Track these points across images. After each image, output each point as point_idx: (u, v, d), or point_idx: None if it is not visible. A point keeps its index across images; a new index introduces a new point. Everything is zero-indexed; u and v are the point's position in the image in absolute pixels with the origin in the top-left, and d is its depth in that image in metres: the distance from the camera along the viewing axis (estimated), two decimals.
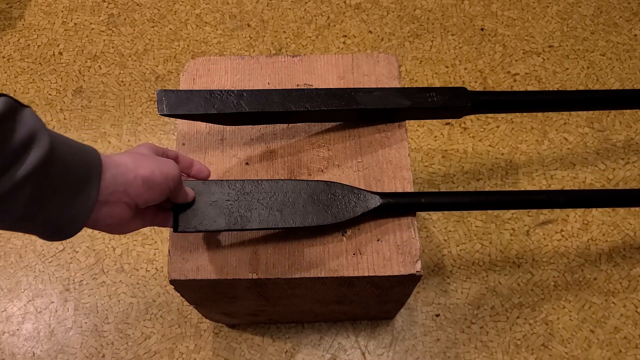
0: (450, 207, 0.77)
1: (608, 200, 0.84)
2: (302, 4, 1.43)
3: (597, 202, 0.83)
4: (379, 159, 0.75)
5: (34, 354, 1.06)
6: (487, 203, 0.77)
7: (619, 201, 0.86)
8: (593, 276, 1.12)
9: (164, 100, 0.68)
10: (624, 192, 0.85)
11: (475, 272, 1.12)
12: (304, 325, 1.08)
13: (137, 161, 0.52)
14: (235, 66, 0.81)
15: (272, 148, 0.76)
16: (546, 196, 0.81)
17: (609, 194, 0.87)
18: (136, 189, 0.51)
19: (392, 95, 0.75)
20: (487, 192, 1.06)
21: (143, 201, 0.53)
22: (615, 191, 0.87)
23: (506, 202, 0.78)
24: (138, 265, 1.13)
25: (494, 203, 0.77)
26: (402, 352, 1.06)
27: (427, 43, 1.38)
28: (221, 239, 0.70)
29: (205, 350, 1.06)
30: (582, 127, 1.27)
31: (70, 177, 0.46)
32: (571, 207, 0.84)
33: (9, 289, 1.12)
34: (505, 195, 0.85)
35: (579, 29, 1.40)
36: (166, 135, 1.27)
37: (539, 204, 0.84)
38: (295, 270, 0.68)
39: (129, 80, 1.34)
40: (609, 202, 0.85)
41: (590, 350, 1.06)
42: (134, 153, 0.54)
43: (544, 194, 0.84)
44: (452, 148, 1.24)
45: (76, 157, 0.46)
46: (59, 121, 1.28)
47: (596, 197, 0.83)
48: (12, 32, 1.40)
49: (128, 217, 0.53)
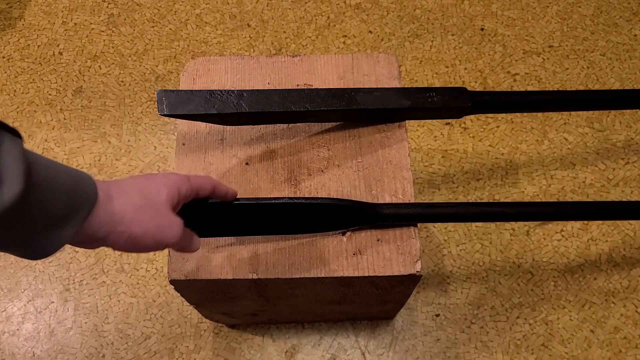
0: (453, 219, 0.77)
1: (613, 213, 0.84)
2: (302, 4, 1.43)
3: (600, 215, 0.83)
4: (379, 159, 0.75)
5: (34, 354, 1.06)
6: (490, 215, 0.77)
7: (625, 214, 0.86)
8: (593, 276, 1.12)
9: (164, 100, 0.68)
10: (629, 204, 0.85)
11: (475, 272, 1.12)
12: (304, 325, 1.08)
13: (137, 215, 0.47)
14: (235, 66, 0.81)
15: (272, 148, 0.76)
16: (550, 208, 0.81)
17: (613, 206, 0.87)
18: (116, 242, 0.46)
19: (392, 95, 0.75)
20: (489, 203, 1.04)
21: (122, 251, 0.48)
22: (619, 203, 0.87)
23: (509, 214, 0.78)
24: (138, 265, 1.13)
25: (496, 215, 0.77)
26: (402, 352, 1.06)
27: (427, 43, 1.38)
28: (221, 239, 0.70)
29: (205, 350, 1.06)
30: (582, 127, 1.27)
31: (53, 208, 0.41)
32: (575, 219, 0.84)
33: (9, 289, 1.12)
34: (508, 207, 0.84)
35: (579, 29, 1.40)
36: (166, 135, 1.27)
37: (541, 217, 0.84)
38: (295, 270, 0.68)
39: (129, 80, 1.34)
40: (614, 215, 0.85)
41: (590, 350, 1.06)
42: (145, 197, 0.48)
43: (547, 206, 0.84)
44: (452, 148, 1.24)
45: (66, 186, 0.42)
46: (59, 121, 1.28)
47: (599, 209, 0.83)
48: (12, 32, 1.40)
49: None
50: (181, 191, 0.51)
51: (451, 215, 0.75)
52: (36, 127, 1.28)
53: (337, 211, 0.67)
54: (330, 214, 0.67)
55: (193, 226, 0.58)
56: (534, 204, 0.83)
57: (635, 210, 0.84)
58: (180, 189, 0.51)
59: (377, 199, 0.72)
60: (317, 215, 0.67)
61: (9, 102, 1.31)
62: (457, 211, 0.75)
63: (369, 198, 0.72)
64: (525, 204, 0.83)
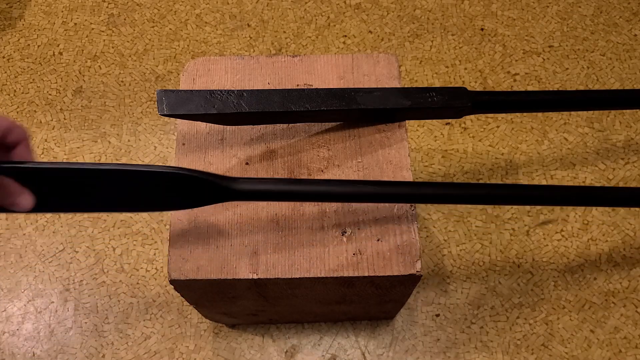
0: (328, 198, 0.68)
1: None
2: (302, 4, 1.43)
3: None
4: (379, 159, 0.75)
5: (34, 354, 1.06)
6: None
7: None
8: (593, 276, 1.12)
9: (164, 100, 0.68)
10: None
11: (475, 272, 1.12)
12: (304, 325, 1.08)
13: None
14: (235, 66, 0.81)
15: (272, 148, 0.76)
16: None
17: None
18: None
19: (392, 95, 0.75)
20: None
21: None
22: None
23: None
24: (138, 265, 1.13)
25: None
26: (402, 352, 1.06)
27: (427, 43, 1.38)
28: (221, 239, 0.70)
29: (205, 350, 1.06)
30: (582, 127, 1.27)
31: None
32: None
33: (8, 289, 1.12)
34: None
35: (579, 29, 1.40)
36: (166, 135, 1.27)
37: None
38: (295, 270, 0.68)
39: (129, 80, 1.34)
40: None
41: (590, 350, 1.06)
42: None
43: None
44: (452, 148, 1.24)
45: None
46: (59, 121, 1.28)
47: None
48: (12, 32, 1.40)
49: None
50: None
51: (323, 193, 0.65)
52: (36, 127, 1.28)
53: (179, 182, 0.60)
54: (170, 185, 0.60)
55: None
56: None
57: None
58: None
59: None
60: (151, 187, 0.60)
61: (9, 102, 1.31)
62: (331, 189, 0.65)
63: None
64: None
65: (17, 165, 0.54)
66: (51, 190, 0.57)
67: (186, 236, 0.70)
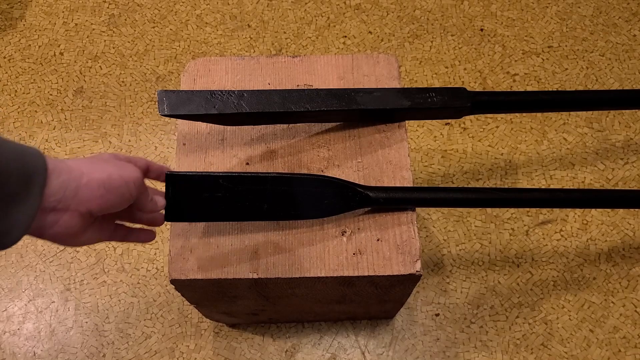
0: (446, 204, 0.75)
1: (609, 201, 0.84)
2: (302, 5, 1.44)
3: (597, 203, 0.83)
4: (379, 159, 0.75)
5: (35, 354, 1.06)
6: (483, 200, 0.76)
7: (620, 202, 0.85)
8: (592, 276, 1.12)
9: (165, 100, 0.68)
10: (625, 192, 0.85)
11: (475, 272, 1.12)
12: (304, 324, 1.08)
13: (94, 165, 0.47)
14: (236, 67, 0.82)
15: (272, 148, 0.76)
16: (545, 194, 0.81)
17: (609, 194, 0.87)
18: (89, 193, 0.46)
19: (392, 96, 0.75)
20: (484, 189, 1.03)
21: (97, 206, 0.47)
22: (616, 192, 0.87)
23: (504, 199, 0.77)
24: (139, 264, 1.13)
25: (490, 200, 0.76)
26: (402, 352, 1.06)
27: (426, 43, 1.38)
28: (222, 239, 0.70)
29: (206, 349, 1.06)
30: (582, 127, 1.27)
31: (5, 186, 0.40)
32: (571, 207, 0.84)
33: (9, 289, 1.12)
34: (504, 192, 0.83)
35: (578, 29, 1.40)
36: (167, 136, 1.27)
37: (536, 203, 0.84)
38: (295, 270, 0.69)
39: (129, 80, 1.34)
40: (610, 203, 0.85)
41: (589, 349, 1.06)
42: (92, 157, 0.50)
43: (541, 192, 0.83)
44: (451, 148, 1.24)
45: (13, 163, 0.41)
46: (60, 121, 1.29)
47: (596, 197, 0.83)
48: (13, 32, 1.40)
49: (78, 227, 0.47)
50: (122, 157, 0.54)
51: (444, 200, 0.73)
52: (37, 127, 1.28)
53: (325, 189, 0.65)
54: (318, 193, 0.65)
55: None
56: (531, 190, 0.82)
57: (630, 199, 0.84)
58: (120, 156, 0.54)
59: None
60: (304, 195, 0.65)
61: (10, 102, 1.31)
62: (451, 196, 0.73)
63: None
64: (523, 190, 0.82)
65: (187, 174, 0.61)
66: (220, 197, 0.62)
67: (187, 236, 0.70)
